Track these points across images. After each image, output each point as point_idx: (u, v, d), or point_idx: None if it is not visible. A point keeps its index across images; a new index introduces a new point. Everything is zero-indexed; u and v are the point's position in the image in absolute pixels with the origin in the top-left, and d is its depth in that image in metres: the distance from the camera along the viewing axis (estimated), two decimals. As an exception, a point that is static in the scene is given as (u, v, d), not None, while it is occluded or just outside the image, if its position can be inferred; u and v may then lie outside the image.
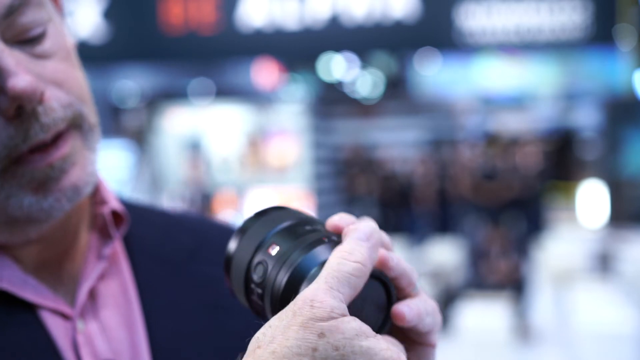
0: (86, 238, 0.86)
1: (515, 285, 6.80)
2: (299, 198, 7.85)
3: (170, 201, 8.10)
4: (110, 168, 8.72)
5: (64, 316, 0.80)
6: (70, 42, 0.83)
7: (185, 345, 0.82)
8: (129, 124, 10.45)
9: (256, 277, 0.62)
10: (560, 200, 10.16)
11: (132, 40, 6.45)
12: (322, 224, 0.67)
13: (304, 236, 0.64)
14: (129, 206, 0.93)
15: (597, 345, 4.57)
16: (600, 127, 9.32)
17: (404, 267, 0.64)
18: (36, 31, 0.76)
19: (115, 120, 10.63)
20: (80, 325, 0.80)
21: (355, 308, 0.61)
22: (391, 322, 0.64)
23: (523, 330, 5.88)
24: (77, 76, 0.80)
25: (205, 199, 7.70)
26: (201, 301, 0.61)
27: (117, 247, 0.87)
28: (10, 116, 0.73)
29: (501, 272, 7.05)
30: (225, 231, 0.99)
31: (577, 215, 9.61)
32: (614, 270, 6.57)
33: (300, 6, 6.10)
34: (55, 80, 0.77)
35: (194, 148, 8.83)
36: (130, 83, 10.49)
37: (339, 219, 0.66)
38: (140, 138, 9.47)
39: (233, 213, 7.98)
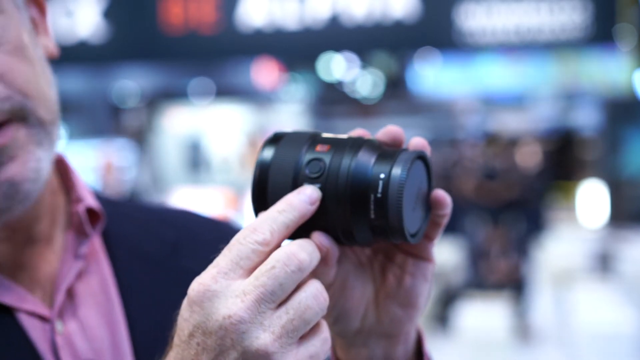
0: (62, 237, 0.85)
1: (515, 285, 6.79)
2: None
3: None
4: (110, 168, 8.71)
5: (42, 318, 0.79)
6: (25, 37, 0.80)
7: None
8: (129, 124, 10.44)
9: (309, 172, 0.65)
10: (560, 200, 10.15)
11: (132, 40, 6.44)
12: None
13: (342, 139, 0.68)
14: (109, 202, 0.91)
15: (597, 345, 4.57)
16: (600, 127, 9.32)
17: None
18: None
19: (115, 120, 10.62)
20: (59, 326, 0.79)
21: (411, 193, 0.66)
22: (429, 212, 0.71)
23: (523, 330, 5.88)
24: (23, 71, 0.77)
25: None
26: (184, 297, 0.61)
27: (95, 245, 0.86)
28: None
29: (501, 272, 7.05)
30: (210, 224, 0.98)
31: (577, 215, 9.60)
32: (614, 270, 6.57)
33: (300, 6, 6.10)
34: None
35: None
36: (130, 83, 10.48)
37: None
38: (140, 138, 9.47)
39: (233, 213, 7.97)
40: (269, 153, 0.67)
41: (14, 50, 0.77)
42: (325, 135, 0.69)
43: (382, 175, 0.64)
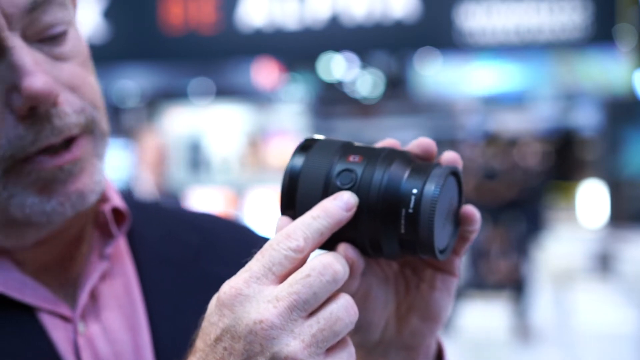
0: (89, 237, 0.84)
1: (515, 285, 6.79)
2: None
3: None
4: (110, 168, 8.71)
5: (64, 318, 0.78)
6: (86, 47, 0.81)
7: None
8: (129, 124, 10.44)
9: (340, 183, 0.64)
10: (560, 200, 10.15)
11: (132, 40, 6.44)
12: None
13: (375, 149, 0.67)
14: (135, 204, 0.91)
15: (597, 345, 4.57)
16: (600, 127, 9.32)
17: None
18: (57, 30, 0.75)
19: (115, 120, 10.61)
20: (81, 327, 0.79)
21: (443, 209, 0.65)
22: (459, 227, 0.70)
23: (523, 330, 5.88)
24: (92, 82, 0.79)
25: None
26: (207, 302, 0.61)
27: (120, 246, 0.85)
28: (21, 116, 0.72)
29: (501, 272, 7.05)
30: (235, 229, 0.97)
31: (577, 215, 9.60)
32: (614, 270, 6.57)
33: (300, 6, 6.10)
34: (70, 85, 0.75)
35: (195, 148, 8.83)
36: (130, 83, 10.48)
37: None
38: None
39: (233, 213, 7.97)
40: (299, 161, 0.66)
41: (83, 62, 0.78)
42: (357, 144, 0.68)
43: (414, 191, 0.63)
